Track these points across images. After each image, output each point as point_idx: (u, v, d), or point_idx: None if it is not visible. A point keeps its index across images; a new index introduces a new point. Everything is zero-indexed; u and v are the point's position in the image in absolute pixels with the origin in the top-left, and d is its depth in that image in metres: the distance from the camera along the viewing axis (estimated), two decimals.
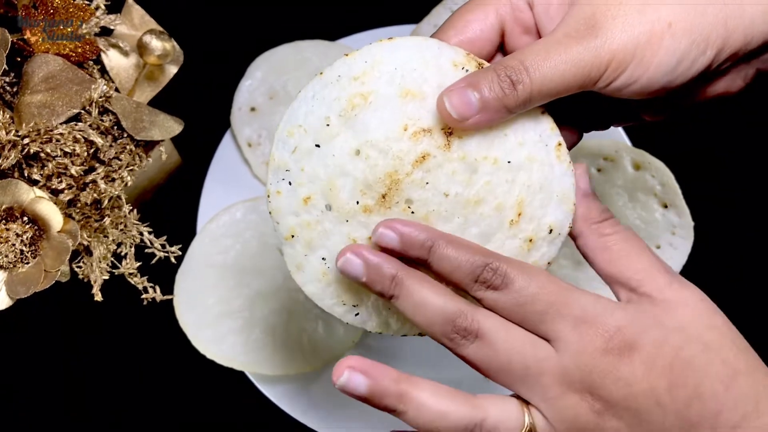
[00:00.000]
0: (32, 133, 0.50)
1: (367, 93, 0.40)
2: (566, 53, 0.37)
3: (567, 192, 0.40)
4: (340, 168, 0.40)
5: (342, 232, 0.41)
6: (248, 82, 0.69)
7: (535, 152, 0.40)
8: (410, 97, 0.39)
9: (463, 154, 0.39)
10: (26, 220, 0.50)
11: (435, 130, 0.39)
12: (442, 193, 0.39)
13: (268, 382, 0.62)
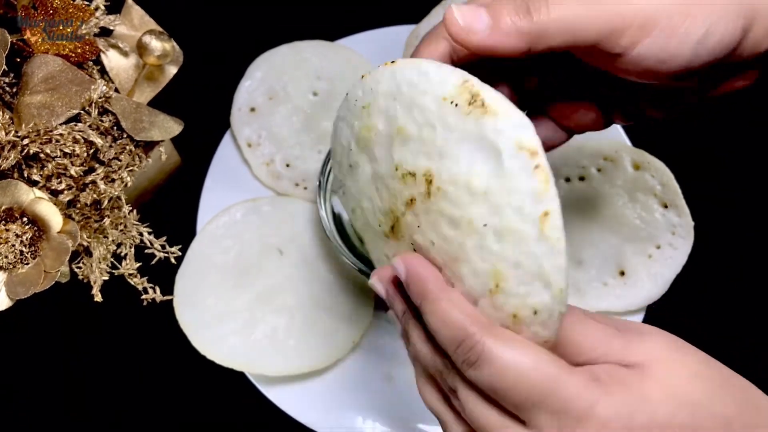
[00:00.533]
0: (32, 134, 0.50)
1: (372, 127, 0.39)
2: (575, 14, 0.35)
3: (550, 276, 0.33)
4: (364, 191, 0.40)
5: (378, 247, 0.41)
6: (248, 83, 0.69)
7: (512, 222, 0.34)
8: (401, 136, 0.37)
9: (441, 207, 0.36)
10: (26, 220, 0.50)
11: (418, 175, 0.37)
12: (429, 240, 0.37)
13: (268, 383, 0.62)
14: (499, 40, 0.35)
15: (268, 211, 0.66)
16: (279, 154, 0.68)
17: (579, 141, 0.67)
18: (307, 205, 0.67)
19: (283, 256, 0.65)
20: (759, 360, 0.64)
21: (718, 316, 0.66)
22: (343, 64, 0.70)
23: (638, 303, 0.63)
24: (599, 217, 0.65)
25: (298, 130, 0.68)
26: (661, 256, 0.63)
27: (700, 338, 0.65)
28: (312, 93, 0.69)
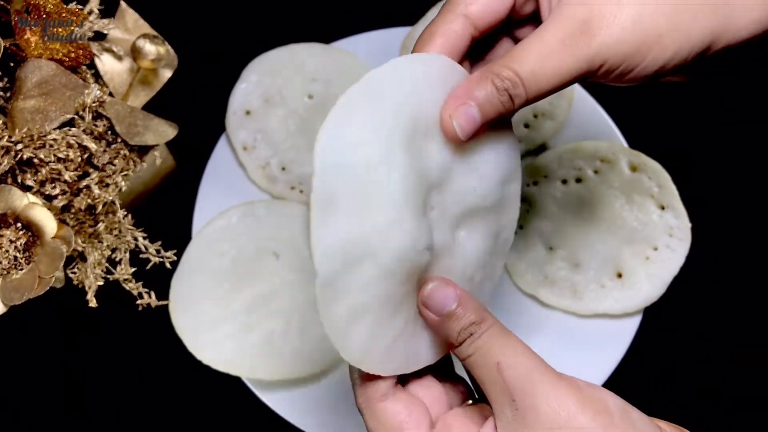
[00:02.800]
0: (25, 139, 0.50)
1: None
2: (561, 64, 0.37)
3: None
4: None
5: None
6: (243, 86, 0.69)
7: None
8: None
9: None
10: (20, 226, 0.50)
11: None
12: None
13: (265, 388, 0.62)
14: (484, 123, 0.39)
15: (264, 214, 0.66)
16: (275, 157, 0.67)
17: (576, 142, 0.67)
18: (303, 208, 0.66)
19: (280, 259, 0.64)
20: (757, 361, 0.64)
21: (715, 317, 0.66)
22: (338, 66, 0.69)
23: (636, 305, 0.63)
24: (596, 219, 0.64)
25: (294, 133, 0.68)
26: (659, 258, 0.63)
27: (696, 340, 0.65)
28: (307, 96, 0.69)
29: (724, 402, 0.63)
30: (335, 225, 0.35)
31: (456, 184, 0.39)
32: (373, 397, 0.39)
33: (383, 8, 0.74)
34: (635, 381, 0.64)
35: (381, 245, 0.35)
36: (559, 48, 0.37)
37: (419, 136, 0.37)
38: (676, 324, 0.65)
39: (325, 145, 0.35)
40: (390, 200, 0.35)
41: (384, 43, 0.71)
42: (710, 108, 0.71)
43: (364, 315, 0.36)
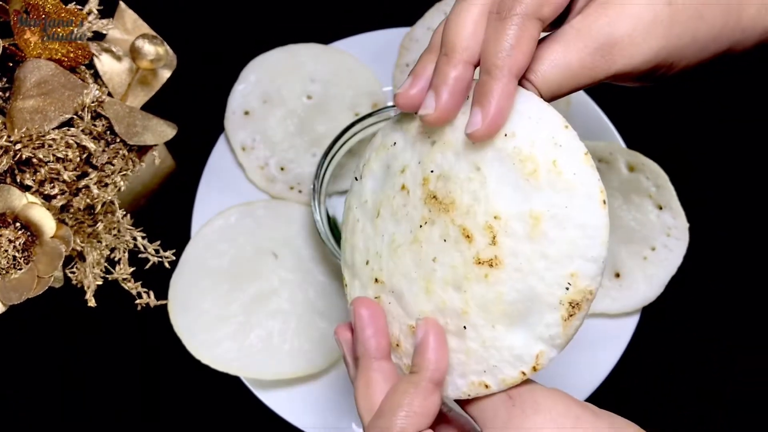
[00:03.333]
0: (24, 139, 0.50)
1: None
2: (576, 81, 0.39)
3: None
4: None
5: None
6: (242, 86, 0.69)
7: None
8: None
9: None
10: (19, 225, 0.50)
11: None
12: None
13: (263, 387, 0.62)
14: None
15: (263, 214, 0.66)
16: (273, 157, 0.67)
17: None
18: (301, 208, 0.67)
19: (278, 259, 0.65)
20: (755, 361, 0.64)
21: (713, 317, 0.66)
22: (337, 67, 0.70)
23: (633, 305, 0.63)
24: None
25: (293, 134, 0.68)
26: (656, 258, 0.63)
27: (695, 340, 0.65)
28: (306, 96, 0.69)
29: (723, 402, 0.63)
30: None
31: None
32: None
33: (382, 9, 0.74)
34: (633, 381, 0.64)
35: None
36: (578, 67, 0.38)
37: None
38: (674, 324, 0.65)
39: None
40: None
41: (383, 43, 0.71)
42: (708, 108, 0.71)
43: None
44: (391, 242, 0.41)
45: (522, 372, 0.39)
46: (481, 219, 0.38)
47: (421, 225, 0.40)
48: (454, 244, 0.39)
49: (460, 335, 0.39)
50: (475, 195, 0.38)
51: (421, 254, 0.40)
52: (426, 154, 0.40)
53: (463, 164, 0.39)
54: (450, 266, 0.39)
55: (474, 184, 0.38)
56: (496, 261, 0.38)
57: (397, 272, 0.41)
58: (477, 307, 0.39)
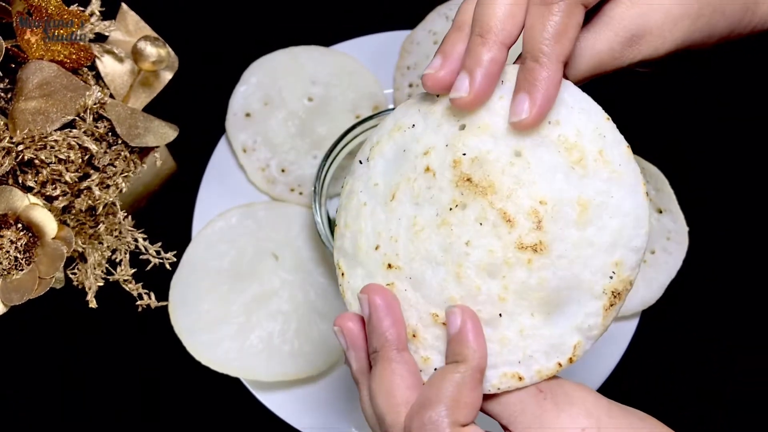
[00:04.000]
0: (26, 140, 0.50)
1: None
2: (601, 65, 0.40)
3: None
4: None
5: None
6: (243, 88, 0.69)
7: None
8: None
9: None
10: (20, 227, 0.50)
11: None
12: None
13: (263, 388, 0.62)
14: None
15: (264, 216, 0.66)
16: (274, 159, 0.68)
17: None
18: (302, 210, 0.67)
19: (279, 261, 0.65)
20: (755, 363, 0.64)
21: (712, 320, 0.66)
22: (338, 69, 0.70)
23: (633, 308, 0.63)
24: None
25: (294, 136, 0.68)
26: (656, 262, 0.63)
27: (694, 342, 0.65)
28: (307, 98, 0.69)
29: (723, 402, 0.64)
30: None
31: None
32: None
33: (383, 11, 0.74)
34: (633, 383, 0.64)
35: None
36: (606, 55, 0.39)
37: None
38: (674, 325, 0.65)
39: None
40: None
41: (384, 45, 0.71)
42: (708, 112, 0.71)
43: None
44: (411, 225, 0.40)
45: (558, 363, 0.38)
46: (526, 203, 0.37)
47: (450, 208, 0.39)
48: (493, 228, 0.38)
49: (494, 324, 0.38)
50: (518, 179, 0.38)
51: (451, 237, 0.38)
52: (455, 137, 0.39)
53: (502, 148, 0.38)
54: (487, 250, 0.38)
55: (516, 168, 0.38)
56: (540, 246, 0.37)
57: (419, 257, 0.39)
58: (515, 294, 0.38)
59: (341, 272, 0.43)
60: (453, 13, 0.70)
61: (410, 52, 0.70)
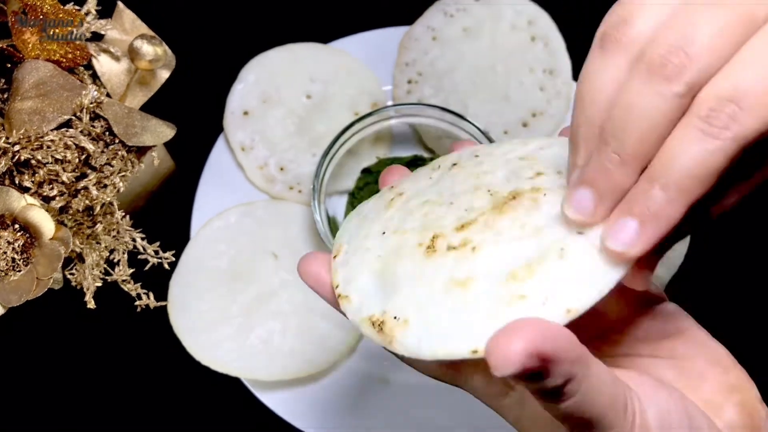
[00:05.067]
0: (23, 140, 0.50)
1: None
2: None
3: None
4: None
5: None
6: (241, 86, 0.69)
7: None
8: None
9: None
10: (17, 227, 0.50)
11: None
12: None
13: (263, 388, 0.62)
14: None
15: (263, 215, 0.66)
16: (273, 157, 0.67)
17: None
18: (301, 208, 0.66)
19: (278, 260, 0.64)
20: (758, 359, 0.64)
21: (714, 317, 0.65)
22: (336, 66, 0.69)
23: None
24: None
25: (292, 134, 0.68)
26: None
27: None
28: (305, 96, 0.69)
29: None
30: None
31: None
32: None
33: (381, 8, 0.74)
34: None
35: None
36: None
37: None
38: None
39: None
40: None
41: (382, 42, 0.71)
42: None
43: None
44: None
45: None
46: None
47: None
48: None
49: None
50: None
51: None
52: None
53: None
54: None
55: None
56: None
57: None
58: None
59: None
60: (451, 9, 0.70)
61: (409, 49, 0.70)
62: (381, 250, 0.38)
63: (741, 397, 0.36)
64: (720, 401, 0.36)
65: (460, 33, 0.69)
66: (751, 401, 0.37)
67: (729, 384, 0.36)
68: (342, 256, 0.39)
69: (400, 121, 0.65)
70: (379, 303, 0.36)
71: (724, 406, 0.36)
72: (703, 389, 0.36)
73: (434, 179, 0.41)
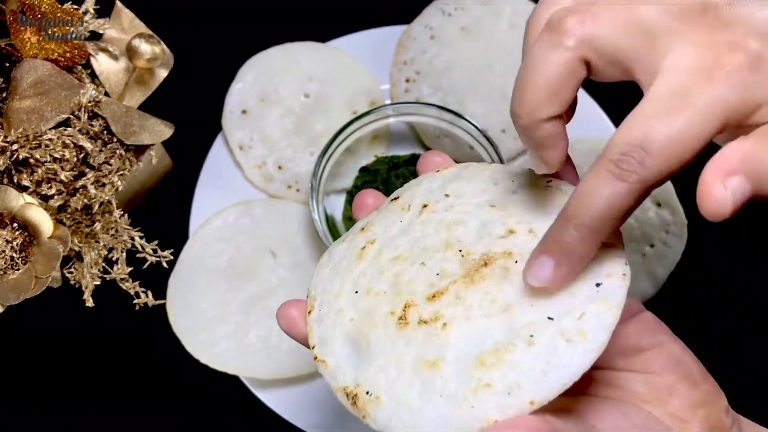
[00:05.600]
0: (21, 139, 0.50)
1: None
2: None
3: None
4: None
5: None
6: (239, 85, 0.69)
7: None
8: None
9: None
10: (16, 226, 0.50)
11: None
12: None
13: (262, 386, 0.62)
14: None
15: (261, 213, 0.66)
16: (271, 156, 0.67)
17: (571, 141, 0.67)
18: (299, 207, 0.66)
19: (276, 258, 0.64)
20: (755, 357, 0.64)
21: (711, 314, 0.66)
22: (334, 65, 0.69)
23: None
24: None
25: (290, 132, 0.68)
26: (655, 255, 0.63)
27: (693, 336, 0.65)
28: (304, 95, 0.69)
29: None
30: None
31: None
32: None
33: (379, 6, 0.74)
34: None
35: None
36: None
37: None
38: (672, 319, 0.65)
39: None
40: None
41: (380, 41, 0.71)
42: None
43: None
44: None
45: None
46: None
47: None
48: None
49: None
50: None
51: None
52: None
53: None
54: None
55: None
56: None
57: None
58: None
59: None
60: (450, 7, 0.70)
61: (407, 48, 0.70)
62: (354, 312, 0.39)
63: (706, 412, 0.38)
64: (686, 416, 0.38)
65: (458, 32, 0.70)
66: (716, 414, 0.38)
67: (696, 399, 0.38)
68: (316, 312, 0.40)
69: (398, 120, 0.65)
70: (353, 371, 0.37)
71: (689, 420, 0.37)
72: (671, 404, 0.38)
73: (404, 224, 0.41)
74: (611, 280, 0.34)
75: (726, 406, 0.39)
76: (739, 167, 0.31)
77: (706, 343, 0.65)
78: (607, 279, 0.34)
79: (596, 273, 0.34)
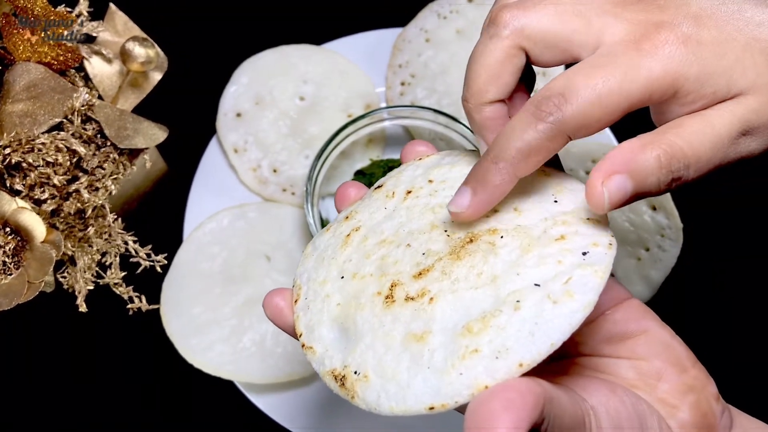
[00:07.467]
0: (14, 143, 0.50)
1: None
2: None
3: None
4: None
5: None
6: (233, 88, 0.68)
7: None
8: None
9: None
10: (9, 230, 0.49)
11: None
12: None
13: (256, 391, 0.62)
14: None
15: (255, 217, 0.66)
16: (266, 159, 0.67)
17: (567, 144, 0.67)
18: (294, 210, 0.66)
19: (271, 262, 0.64)
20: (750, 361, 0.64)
21: (706, 318, 0.66)
22: (329, 68, 0.69)
23: None
24: None
25: (285, 135, 0.68)
26: (650, 259, 0.63)
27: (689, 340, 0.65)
28: (298, 98, 0.68)
29: None
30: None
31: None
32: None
33: (374, 9, 0.73)
34: None
35: None
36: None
37: None
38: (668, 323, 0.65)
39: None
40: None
41: (375, 44, 0.71)
42: None
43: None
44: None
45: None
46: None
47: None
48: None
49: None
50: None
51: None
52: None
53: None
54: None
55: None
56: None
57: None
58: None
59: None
60: (444, 10, 0.70)
61: (402, 50, 0.70)
62: (340, 297, 0.38)
63: (696, 397, 0.38)
64: (675, 401, 0.38)
65: (453, 34, 0.69)
66: (706, 401, 0.38)
67: (685, 384, 0.38)
68: (302, 300, 0.40)
69: (393, 123, 0.65)
70: (341, 354, 0.37)
71: (678, 406, 0.38)
72: (659, 389, 0.38)
73: (389, 210, 0.41)
74: (597, 248, 0.35)
75: (716, 393, 0.39)
76: (622, 167, 0.34)
77: (702, 347, 0.65)
78: (594, 247, 0.35)
79: (583, 245, 0.35)
